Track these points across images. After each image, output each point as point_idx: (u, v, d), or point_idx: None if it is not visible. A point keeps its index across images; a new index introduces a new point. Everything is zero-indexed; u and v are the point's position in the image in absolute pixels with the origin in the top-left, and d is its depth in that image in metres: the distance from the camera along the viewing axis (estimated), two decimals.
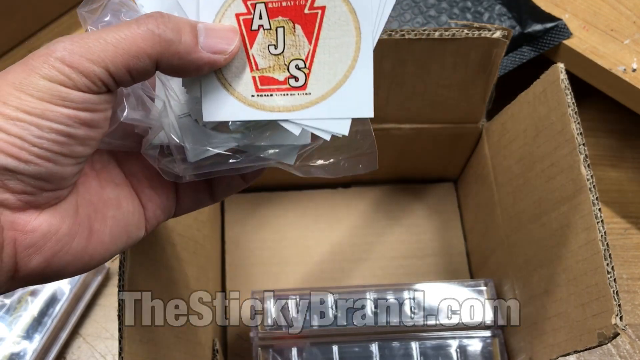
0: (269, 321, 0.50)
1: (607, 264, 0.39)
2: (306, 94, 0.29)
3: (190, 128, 0.31)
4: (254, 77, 0.29)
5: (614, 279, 0.38)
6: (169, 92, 0.31)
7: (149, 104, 0.31)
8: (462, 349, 0.50)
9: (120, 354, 0.35)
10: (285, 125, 0.30)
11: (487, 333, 0.51)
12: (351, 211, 0.63)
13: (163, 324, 0.41)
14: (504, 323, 0.51)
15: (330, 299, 0.51)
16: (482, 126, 0.56)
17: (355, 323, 0.50)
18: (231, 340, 0.57)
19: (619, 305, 0.37)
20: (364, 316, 0.50)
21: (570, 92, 0.43)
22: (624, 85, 0.56)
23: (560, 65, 0.44)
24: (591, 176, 0.41)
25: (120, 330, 0.36)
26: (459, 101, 0.53)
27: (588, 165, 0.41)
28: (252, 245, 0.61)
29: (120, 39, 0.26)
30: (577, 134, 0.42)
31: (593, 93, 0.59)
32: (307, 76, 0.29)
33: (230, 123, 0.31)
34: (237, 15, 0.29)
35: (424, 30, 0.45)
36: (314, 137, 0.32)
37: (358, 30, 0.29)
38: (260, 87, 0.30)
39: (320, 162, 0.34)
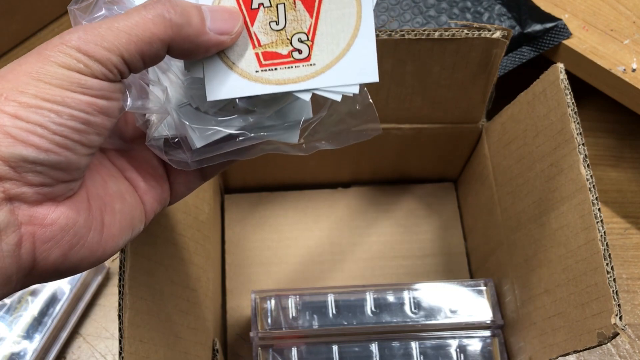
0: (269, 321, 0.50)
1: (607, 264, 0.39)
2: (311, 64, 0.30)
3: (192, 115, 0.32)
4: (257, 54, 0.30)
5: (614, 279, 0.38)
6: (170, 76, 0.32)
7: (149, 91, 0.31)
8: (461, 349, 0.50)
9: (120, 354, 0.35)
10: (297, 94, 0.31)
11: (487, 333, 0.51)
12: (351, 211, 0.63)
13: (163, 323, 0.41)
14: (503, 323, 0.51)
15: (330, 299, 0.51)
16: (482, 126, 0.56)
17: (355, 323, 0.50)
18: (231, 340, 0.57)
19: (619, 305, 0.37)
20: (363, 316, 0.50)
21: (569, 92, 0.43)
22: (623, 85, 0.56)
23: (560, 65, 0.44)
24: (591, 176, 0.41)
25: (120, 330, 0.36)
26: (459, 101, 0.53)
27: (588, 165, 0.41)
28: (252, 245, 0.61)
29: (132, 25, 0.26)
30: (577, 133, 0.42)
31: (593, 93, 0.59)
32: (310, 48, 0.30)
33: (237, 100, 0.31)
34: None
35: (424, 31, 0.45)
36: (315, 111, 0.33)
37: (359, 1, 0.30)
38: (263, 62, 0.30)
39: (323, 135, 0.35)
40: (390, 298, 0.51)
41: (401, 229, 0.63)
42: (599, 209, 0.40)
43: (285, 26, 0.30)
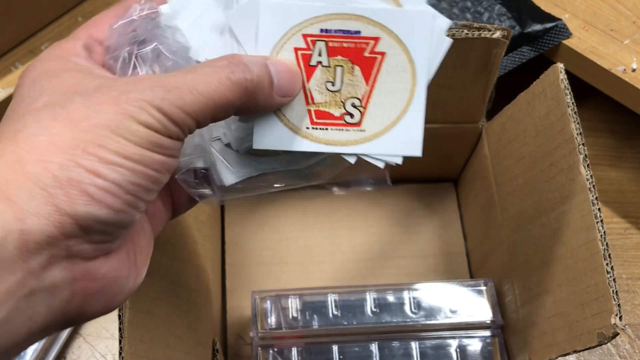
0: (269, 321, 0.50)
1: (607, 264, 0.39)
2: (360, 130, 0.31)
3: (223, 151, 0.32)
4: (309, 110, 0.31)
5: (614, 279, 0.38)
6: None
7: None
8: (461, 349, 0.50)
9: (120, 354, 0.35)
10: (344, 156, 0.32)
11: (487, 333, 0.51)
12: (351, 211, 0.63)
13: (163, 323, 0.41)
14: (503, 323, 0.51)
15: (330, 299, 0.51)
16: (482, 126, 0.56)
17: (355, 323, 0.50)
18: (231, 340, 0.57)
19: (619, 305, 0.37)
20: (363, 316, 0.50)
21: (569, 92, 0.43)
22: (623, 85, 0.56)
23: (560, 65, 0.44)
24: (591, 176, 0.41)
25: (120, 330, 0.36)
26: (459, 101, 0.53)
27: (587, 165, 0.41)
28: (252, 245, 0.61)
29: (211, 91, 0.26)
30: (577, 133, 0.42)
31: (593, 93, 0.59)
32: (362, 114, 0.31)
33: (286, 155, 0.32)
34: (296, 50, 0.30)
35: None
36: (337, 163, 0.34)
37: (414, 78, 0.31)
38: (315, 120, 0.31)
39: (335, 180, 0.36)
40: (390, 298, 0.51)
41: (401, 229, 0.63)
42: (599, 209, 0.40)
43: (340, 89, 0.31)
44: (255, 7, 0.30)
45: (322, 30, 0.30)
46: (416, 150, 0.32)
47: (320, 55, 0.30)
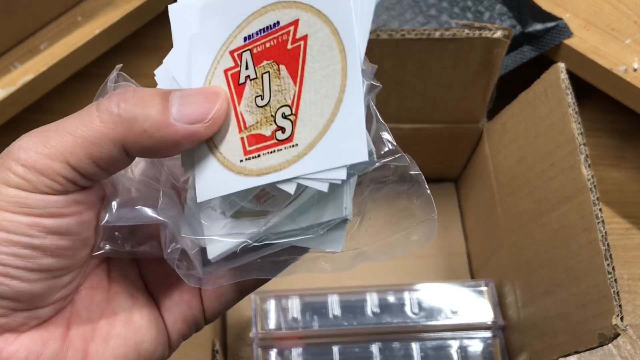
0: (269, 321, 0.50)
1: (608, 264, 0.38)
2: (292, 146, 0.23)
3: (211, 218, 0.26)
4: (242, 139, 0.24)
5: (615, 280, 0.38)
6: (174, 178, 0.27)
7: (168, 196, 0.26)
8: (462, 350, 0.50)
9: None
10: (279, 185, 0.23)
11: (488, 333, 0.51)
12: None
13: None
14: (504, 323, 0.51)
15: (330, 299, 0.51)
16: (483, 126, 0.56)
17: (355, 323, 0.50)
18: (231, 341, 0.56)
19: (620, 306, 0.37)
20: (364, 316, 0.50)
21: (570, 92, 0.43)
22: (624, 85, 0.55)
23: (561, 65, 0.44)
24: (592, 176, 0.41)
25: None
26: (460, 101, 0.53)
27: (589, 165, 0.41)
28: None
29: (78, 124, 0.22)
30: (578, 133, 0.42)
31: (594, 93, 0.59)
32: (293, 124, 0.23)
33: (236, 199, 0.25)
34: (225, 72, 0.25)
35: (425, 30, 0.45)
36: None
37: (343, 53, 0.23)
38: (248, 148, 0.24)
39: (370, 243, 0.27)
40: (391, 299, 0.51)
41: None
42: (600, 209, 0.40)
43: (270, 100, 0.24)
44: (187, 42, 0.26)
45: (245, 39, 0.25)
46: (360, 154, 0.22)
47: (247, 68, 0.25)
